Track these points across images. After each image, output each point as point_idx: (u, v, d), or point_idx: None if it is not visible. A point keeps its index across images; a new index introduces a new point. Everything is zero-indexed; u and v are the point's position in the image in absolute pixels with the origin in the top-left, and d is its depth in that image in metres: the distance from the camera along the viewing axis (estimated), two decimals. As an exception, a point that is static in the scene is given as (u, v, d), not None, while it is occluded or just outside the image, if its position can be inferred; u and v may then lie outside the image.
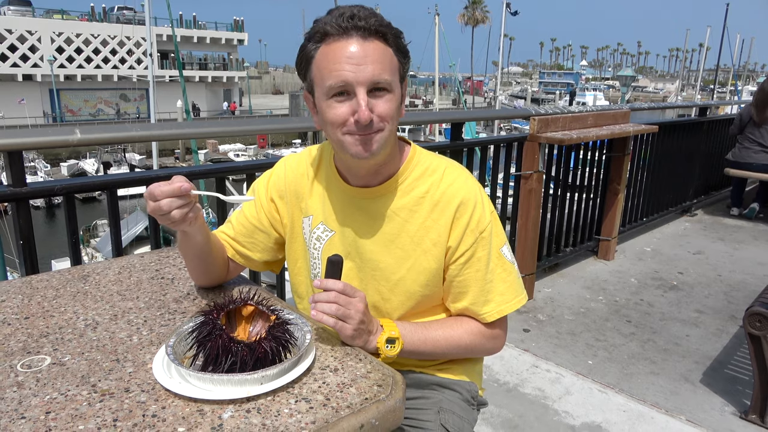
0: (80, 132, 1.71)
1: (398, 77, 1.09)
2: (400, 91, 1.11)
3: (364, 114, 1.03)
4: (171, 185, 1.01)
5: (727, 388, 2.54)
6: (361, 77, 1.03)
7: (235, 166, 2.33)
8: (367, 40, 1.03)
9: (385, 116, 1.06)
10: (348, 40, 1.03)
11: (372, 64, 1.03)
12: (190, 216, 1.04)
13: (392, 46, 1.07)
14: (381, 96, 1.06)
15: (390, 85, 1.06)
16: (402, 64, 1.09)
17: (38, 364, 0.94)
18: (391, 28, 1.06)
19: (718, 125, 5.79)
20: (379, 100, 1.06)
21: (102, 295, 1.21)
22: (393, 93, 1.07)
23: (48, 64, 32.36)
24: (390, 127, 1.09)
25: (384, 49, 1.05)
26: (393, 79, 1.07)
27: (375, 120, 1.05)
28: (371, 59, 1.03)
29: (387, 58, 1.05)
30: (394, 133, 1.13)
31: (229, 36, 41.16)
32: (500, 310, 1.20)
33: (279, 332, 0.93)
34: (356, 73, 1.02)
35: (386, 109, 1.06)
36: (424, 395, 1.28)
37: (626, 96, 20.02)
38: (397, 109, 1.10)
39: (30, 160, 26.64)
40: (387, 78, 1.05)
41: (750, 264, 4.23)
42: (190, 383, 0.87)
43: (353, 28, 1.02)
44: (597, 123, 3.68)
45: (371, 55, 1.03)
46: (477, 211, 1.16)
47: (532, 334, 3.03)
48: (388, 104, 1.06)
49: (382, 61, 1.04)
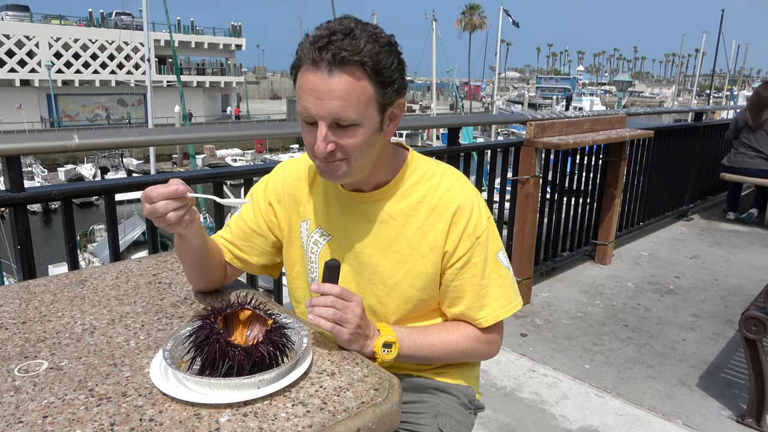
0: (78, 137, 1.71)
1: (373, 107, 1.04)
2: (377, 120, 1.07)
3: (320, 148, 1.03)
4: (167, 188, 1.01)
5: (723, 392, 2.54)
6: (321, 112, 1.01)
7: (233, 170, 2.33)
8: (334, 75, 0.99)
9: (349, 149, 1.05)
10: (315, 73, 1.00)
11: (335, 100, 1.00)
12: (186, 219, 1.05)
13: (369, 76, 1.01)
14: (346, 130, 1.04)
15: (355, 121, 1.03)
16: (381, 93, 1.04)
17: (35, 369, 0.94)
18: (371, 55, 1.00)
19: (713, 130, 5.82)
20: (343, 135, 1.04)
21: (99, 299, 1.21)
22: (361, 127, 1.04)
23: (46, 69, 32.35)
24: (358, 158, 1.07)
25: (353, 83, 1.00)
26: (361, 113, 1.02)
27: (338, 152, 1.06)
28: (335, 95, 1.00)
29: (355, 92, 1.01)
30: (371, 157, 1.11)
31: (226, 41, 41.21)
32: (496, 315, 1.20)
33: (276, 336, 0.93)
34: (317, 107, 1.01)
35: (350, 143, 1.05)
36: (421, 399, 1.28)
37: (623, 101, 20.12)
38: (369, 141, 1.07)
39: (27, 165, 26.58)
40: (350, 116, 1.01)
41: (746, 268, 4.24)
42: (188, 387, 0.87)
43: (321, 60, 0.99)
44: (593, 128, 3.69)
45: (335, 91, 0.99)
46: (474, 217, 1.16)
47: (529, 339, 3.03)
48: (352, 139, 1.04)
49: (347, 97, 1.00)
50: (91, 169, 27.87)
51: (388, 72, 1.04)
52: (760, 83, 5.47)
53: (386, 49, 1.03)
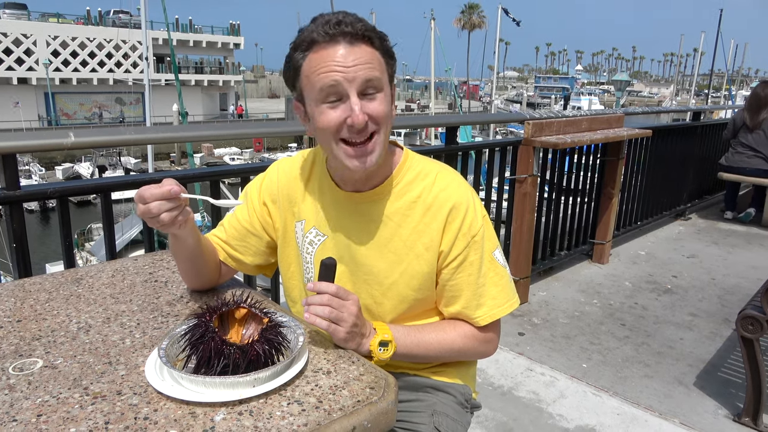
0: (74, 135, 1.70)
1: (387, 77, 1.10)
2: (389, 91, 1.11)
3: (358, 117, 1.03)
4: (160, 188, 1.01)
5: (720, 391, 2.55)
6: (351, 77, 1.03)
7: (230, 169, 2.32)
8: (355, 45, 1.04)
9: (379, 117, 1.07)
10: (335, 46, 1.04)
11: (363, 65, 1.04)
12: (179, 219, 1.04)
13: (378, 49, 1.08)
14: (373, 98, 1.07)
15: (381, 83, 1.07)
16: (389, 65, 1.10)
17: (30, 367, 0.93)
18: (376, 32, 1.08)
19: (711, 130, 5.83)
20: (371, 102, 1.06)
21: (95, 298, 1.21)
22: (383, 93, 1.08)
23: (43, 67, 32.28)
24: (384, 130, 1.09)
25: (371, 52, 1.06)
26: (383, 78, 1.08)
27: (369, 123, 1.06)
28: (361, 60, 1.04)
29: (376, 60, 1.06)
30: (388, 139, 1.14)
31: (225, 40, 41.15)
32: (492, 314, 1.20)
33: (272, 335, 0.93)
34: (347, 75, 1.03)
35: (380, 110, 1.07)
36: (418, 398, 1.28)
37: (621, 100, 20.14)
38: (390, 109, 1.11)
39: (25, 164, 26.53)
40: (377, 75, 1.06)
41: (743, 268, 4.25)
42: (183, 386, 0.87)
43: (340, 34, 1.03)
44: (591, 127, 3.69)
45: (360, 57, 1.04)
46: (469, 215, 1.16)
47: (526, 338, 3.03)
48: (381, 105, 1.07)
49: (372, 61, 1.05)
50: (88, 167, 27.82)
51: (390, 50, 1.11)
52: (758, 83, 5.48)
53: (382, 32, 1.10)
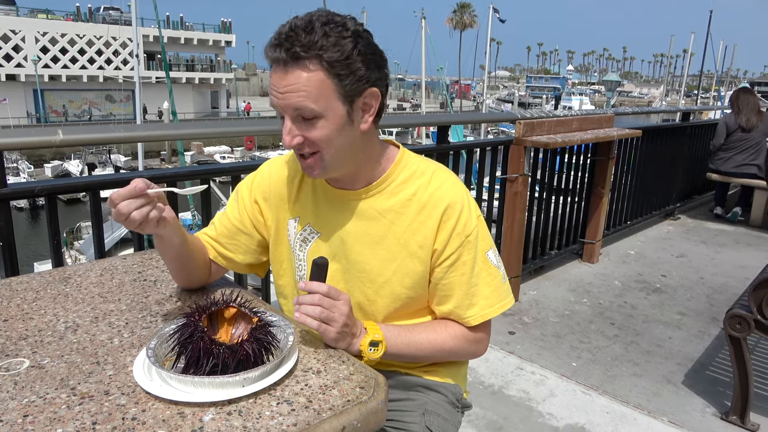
0: (62, 132, 1.69)
1: (335, 98, 1.03)
2: (344, 111, 1.05)
3: (286, 140, 1.06)
4: (127, 187, 1.00)
5: (708, 390, 2.57)
6: (283, 104, 1.04)
7: (221, 167, 2.31)
8: (289, 71, 1.01)
9: (316, 142, 1.06)
10: (275, 70, 1.03)
11: (293, 92, 1.02)
12: (152, 216, 1.02)
13: (325, 68, 1.00)
14: (311, 123, 1.05)
15: (315, 111, 1.02)
16: (342, 85, 1.03)
17: (16, 367, 0.92)
18: (328, 47, 1.00)
19: (701, 130, 5.87)
20: (309, 127, 1.05)
21: (83, 297, 1.20)
22: (324, 119, 1.04)
23: (32, 64, 31.96)
24: (330, 151, 1.07)
25: (307, 77, 1.00)
26: (321, 104, 1.02)
27: (307, 145, 1.07)
28: (291, 88, 1.02)
29: (311, 85, 1.01)
30: (348, 151, 1.10)
31: (216, 37, 40.92)
32: (484, 314, 1.20)
33: (261, 334, 0.93)
34: (280, 100, 1.04)
35: (316, 135, 1.05)
36: (409, 397, 1.28)
37: (612, 101, 20.24)
38: (337, 131, 1.06)
39: (13, 161, 26.27)
40: (309, 106, 1.02)
41: (731, 267, 4.29)
42: (171, 386, 0.86)
43: (275, 60, 1.02)
44: (582, 127, 3.71)
45: (293, 84, 1.01)
46: (464, 215, 1.16)
47: (517, 337, 3.04)
48: (318, 131, 1.05)
49: (304, 89, 1.01)
50: (78, 165, 27.58)
51: (344, 63, 1.01)
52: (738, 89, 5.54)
53: (348, 40, 1.02)
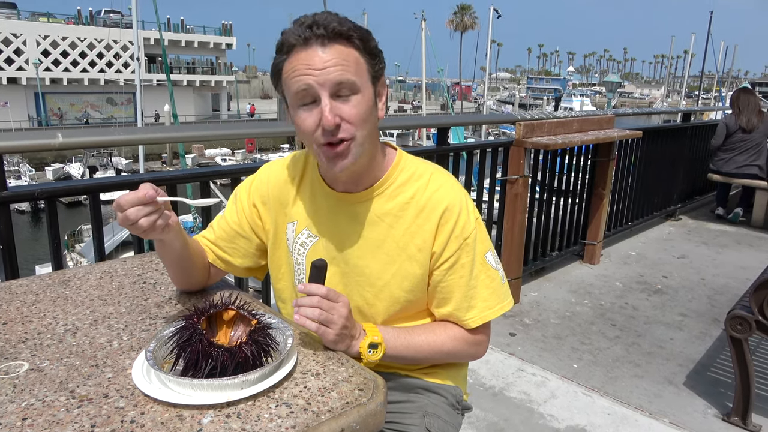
0: (62, 136, 1.69)
1: (367, 78, 1.07)
2: (372, 92, 1.08)
3: (328, 119, 1.02)
4: (136, 194, 0.99)
5: (709, 391, 2.56)
6: (322, 80, 1.01)
7: (221, 170, 2.31)
8: (327, 46, 1.02)
9: (353, 120, 1.05)
10: (308, 49, 1.02)
11: (333, 67, 1.01)
12: (159, 224, 1.02)
13: (358, 47, 1.05)
14: (347, 100, 1.04)
15: (355, 85, 1.04)
16: (371, 64, 1.07)
17: (15, 370, 0.92)
18: (356, 29, 1.05)
19: (702, 131, 5.86)
20: (345, 104, 1.04)
21: (83, 300, 1.20)
22: (361, 95, 1.05)
23: (33, 67, 32.01)
24: (362, 133, 1.07)
25: (347, 52, 1.03)
26: (359, 79, 1.04)
27: (343, 126, 1.04)
28: (332, 62, 1.01)
29: (351, 60, 1.03)
30: (373, 138, 1.12)
31: (217, 40, 40.98)
32: (483, 316, 1.20)
33: (260, 336, 0.93)
34: (317, 77, 1.01)
35: (354, 113, 1.04)
36: (409, 399, 1.28)
37: (612, 102, 20.22)
38: (369, 111, 1.07)
39: (14, 164, 26.31)
40: (350, 78, 1.03)
41: (733, 268, 4.28)
42: (170, 388, 0.86)
43: (313, 37, 1.01)
44: (582, 128, 3.71)
45: (332, 59, 1.02)
46: (462, 217, 1.16)
47: (518, 338, 3.04)
48: (355, 108, 1.04)
49: (344, 63, 1.02)
50: (79, 168, 27.61)
51: (373, 44, 1.08)
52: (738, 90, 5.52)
53: (364, 30, 1.07)
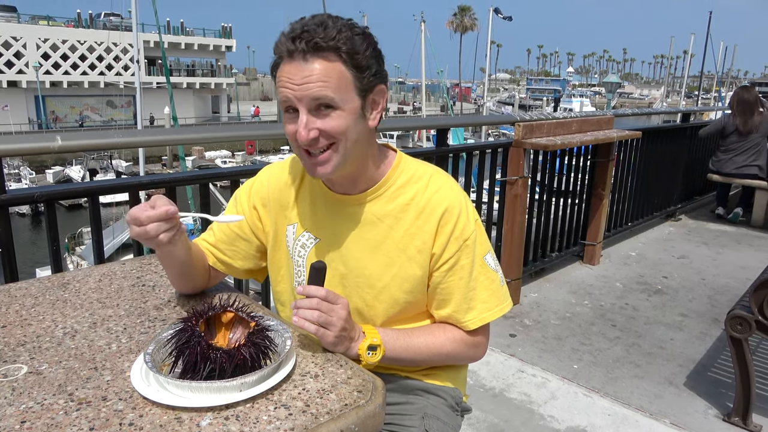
0: (61, 138, 1.69)
1: (353, 91, 1.06)
2: (358, 105, 1.07)
3: (302, 134, 1.04)
4: (157, 210, 1.01)
5: (710, 391, 2.56)
6: (300, 95, 1.03)
7: (221, 172, 2.32)
8: (309, 60, 1.02)
9: (331, 133, 1.05)
10: (292, 63, 1.03)
11: (312, 83, 1.02)
12: (175, 237, 1.05)
13: (344, 60, 1.03)
14: (327, 114, 1.04)
15: (334, 101, 1.03)
16: (359, 78, 1.06)
17: (14, 373, 0.92)
18: (345, 40, 1.03)
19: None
20: (324, 119, 1.05)
21: (82, 302, 1.20)
22: (341, 110, 1.05)
23: (33, 70, 32.04)
24: (344, 144, 1.07)
25: (330, 67, 1.02)
26: (340, 95, 1.04)
27: (321, 139, 1.06)
28: (312, 78, 1.02)
29: (333, 75, 1.03)
30: (360, 146, 1.11)
31: (216, 42, 41.03)
32: (482, 318, 1.20)
33: (259, 338, 0.93)
34: (297, 92, 1.03)
35: (331, 126, 1.05)
36: (408, 401, 1.28)
37: (612, 102, 20.22)
38: (351, 124, 1.06)
39: (14, 167, 26.33)
40: (328, 94, 1.03)
41: (733, 268, 4.28)
42: (169, 391, 0.86)
43: (296, 51, 1.02)
44: (581, 129, 3.71)
45: (312, 75, 1.02)
46: (462, 219, 1.16)
47: (518, 339, 3.04)
48: (333, 122, 1.05)
49: (324, 79, 1.02)
50: (79, 171, 27.63)
51: (363, 57, 1.05)
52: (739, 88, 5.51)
53: (359, 37, 1.05)
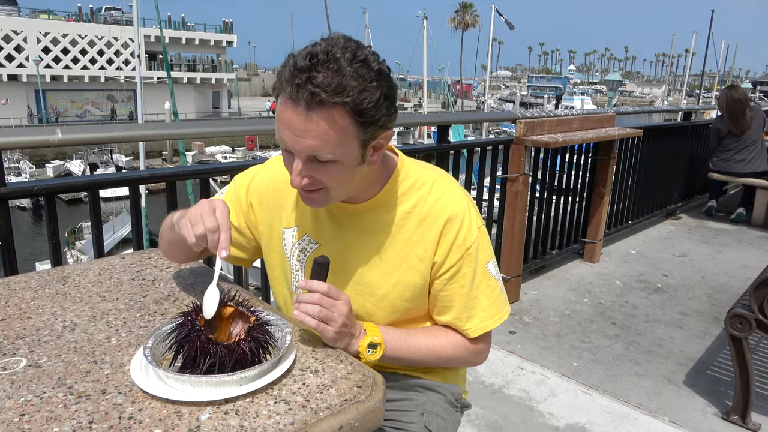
0: (61, 132, 1.69)
1: (355, 144, 1.00)
2: (358, 156, 1.02)
3: (295, 180, 1.01)
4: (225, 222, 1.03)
5: (709, 389, 2.56)
6: (297, 147, 0.98)
7: (221, 166, 2.31)
8: (312, 115, 0.94)
9: (325, 184, 1.03)
10: (293, 108, 0.95)
11: (312, 139, 0.96)
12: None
13: (351, 114, 0.95)
14: (324, 165, 1.00)
15: (333, 158, 0.99)
16: (363, 132, 0.99)
17: (13, 366, 0.92)
18: (355, 94, 0.94)
19: (702, 129, 5.85)
20: (321, 169, 1.01)
21: (81, 296, 1.20)
22: (338, 163, 1.00)
23: (34, 64, 31.99)
24: (336, 189, 1.05)
25: (333, 124, 0.95)
26: (339, 150, 0.98)
27: (315, 184, 1.04)
28: (312, 134, 0.95)
29: (334, 133, 0.96)
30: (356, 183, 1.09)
31: (218, 37, 40.93)
32: (483, 326, 1.19)
33: (258, 333, 0.92)
34: (294, 143, 0.98)
35: (326, 178, 1.02)
36: (408, 397, 1.28)
37: (613, 100, 20.23)
38: (348, 175, 1.04)
39: (14, 161, 26.32)
40: (327, 155, 0.98)
41: (733, 267, 4.28)
42: (168, 385, 0.86)
43: (299, 99, 0.93)
44: (583, 126, 3.70)
45: (313, 130, 0.95)
46: (464, 227, 1.14)
47: (517, 336, 3.04)
48: (329, 174, 1.01)
49: (324, 138, 0.95)
50: (80, 165, 27.63)
51: (373, 110, 0.97)
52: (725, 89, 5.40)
53: (373, 85, 0.96)
